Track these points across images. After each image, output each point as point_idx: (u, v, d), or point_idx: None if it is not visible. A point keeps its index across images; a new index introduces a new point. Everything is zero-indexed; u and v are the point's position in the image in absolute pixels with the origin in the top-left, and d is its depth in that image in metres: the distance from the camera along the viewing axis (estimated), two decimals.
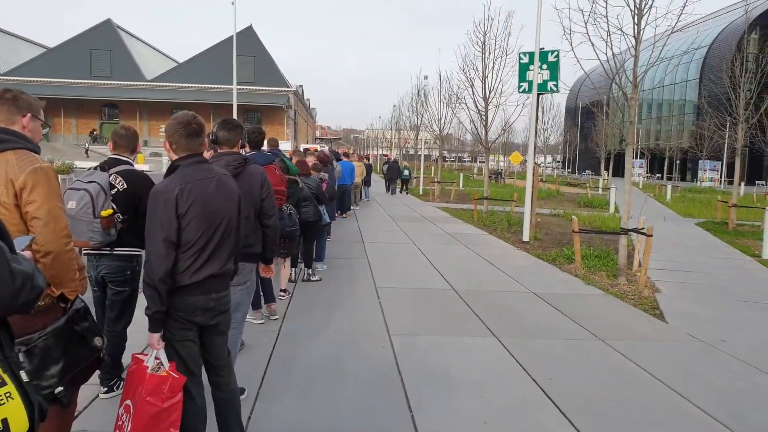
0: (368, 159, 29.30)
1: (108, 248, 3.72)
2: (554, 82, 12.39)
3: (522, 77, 12.87)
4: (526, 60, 12.75)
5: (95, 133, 54.32)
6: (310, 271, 7.81)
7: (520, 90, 13.06)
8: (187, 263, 2.72)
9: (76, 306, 2.55)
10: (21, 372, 1.52)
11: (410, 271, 8.67)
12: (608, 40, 7.63)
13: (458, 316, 6.33)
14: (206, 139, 5.57)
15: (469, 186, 33.99)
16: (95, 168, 3.78)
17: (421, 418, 3.81)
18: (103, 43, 55.39)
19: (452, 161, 79.83)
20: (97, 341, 2.59)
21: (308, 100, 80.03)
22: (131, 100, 54.10)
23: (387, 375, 4.53)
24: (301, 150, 13.29)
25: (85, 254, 3.74)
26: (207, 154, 5.18)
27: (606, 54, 7.71)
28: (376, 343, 5.26)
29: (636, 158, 43.94)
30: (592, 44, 7.67)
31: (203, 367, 3.02)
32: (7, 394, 1.44)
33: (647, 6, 7.38)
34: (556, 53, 12.17)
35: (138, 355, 2.79)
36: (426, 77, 29.50)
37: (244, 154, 4.49)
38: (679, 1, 8.19)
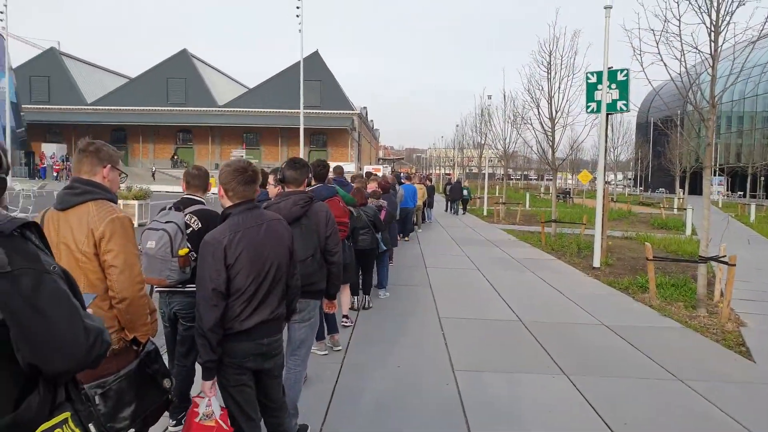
0: (430, 180, 29.24)
1: (180, 285, 3.85)
2: (624, 102, 11.95)
3: (590, 97, 12.50)
4: (593, 80, 12.39)
5: (176, 158, 57.00)
6: (368, 298, 7.83)
7: (588, 110, 12.68)
8: (237, 310, 2.75)
9: (148, 348, 2.65)
10: (90, 425, 1.55)
11: (475, 299, 8.51)
12: (682, 59, 7.27)
13: (526, 350, 6.13)
14: (274, 176, 5.74)
15: (535, 206, 33.21)
16: (170, 207, 3.94)
17: None
18: (179, 72, 58.66)
19: (517, 179, 78.36)
20: (167, 383, 2.67)
21: (371, 121, 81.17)
22: (204, 125, 56.74)
23: (451, 414, 4.43)
24: (364, 175, 13.45)
25: (157, 291, 3.89)
26: (274, 191, 5.35)
27: (680, 73, 7.35)
28: (440, 379, 5.16)
29: (714, 175, 41.58)
30: (665, 65, 7.34)
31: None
32: None
33: (725, 23, 6.99)
34: (625, 72, 11.75)
35: (196, 398, 2.84)
36: (489, 97, 29.25)
37: (309, 188, 4.58)
38: (760, 14, 7.74)
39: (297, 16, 32.87)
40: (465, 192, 27.76)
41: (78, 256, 2.50)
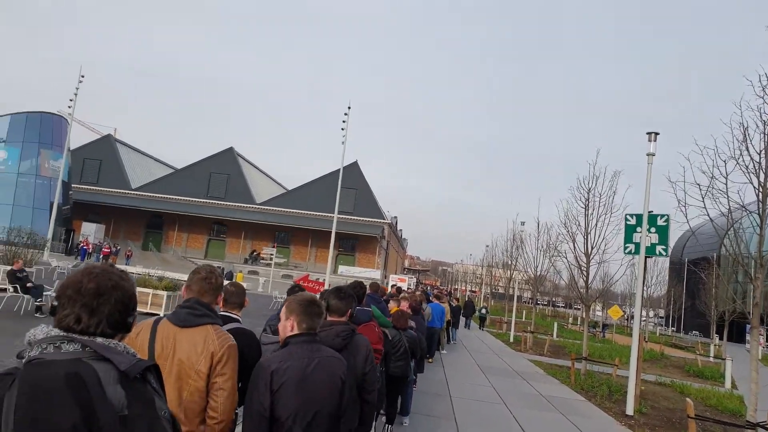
0: (458, 300, 28.98)
1: None
2: (663, 247, 11.91)
3: (628, 239, 12.51)
4: (633, 222, 12.46)
5: (255, 253, 56.47)
6: (392, 428, 7.47)
7: (626, 252, 12.64)
8: None
9: None
10: None
11: None
12: (729, 217, 7.31)
13: None
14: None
15: (564, 336, 32.20)
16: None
17: None
18: (222, 168, 61.48)
19: (545, 305, 76.86)
20: None
21: (401, 230, 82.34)
22: (239, 220, 58.32)
23: None
24: (395, 289, 13.37)
25: None
26: None
27: (728, 235, 7.35)
28: None
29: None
30: (711, 220, 7.37)
31: None
32: None
33: None
34: (666, 218, 11.82)
35: None
36: (523, 224, 29.58)
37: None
38: None
39: (342, 129, 34.70)
40: (483, 310, 31.04)
41: (190, 372, 2.68)
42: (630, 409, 10.93)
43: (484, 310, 31.47)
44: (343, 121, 33.88)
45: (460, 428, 8.32)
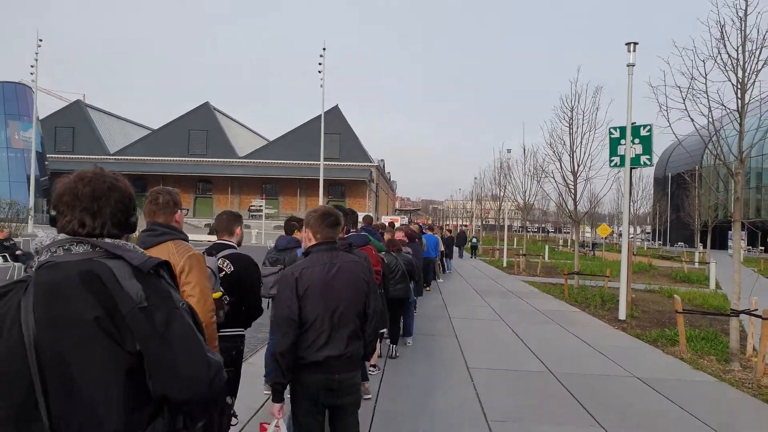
0: (450, 232, 29.44)
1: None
2: (648, 157, 12.09)
3: (613, 152, 12.66)
4: (617, 135, 12.58)
5: (252, 207, 55.76)
6: (395, 347, 7.79)
7: (612, 165, 12.81)
8: (308, 342, 2.91)
9: None
10: None
11: (502, 350, 8.42)
12: (709, 116, 7.42)
13: (558, 402, 6.02)
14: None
15: (555, 258, 32.97)
16: (203, 253, 4.04)
17: None
18: (200, 124, 60.30)
19: (535, 232, 78.07)
20: (229, 399, 2.76)
21: (389, 173, 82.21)
22: (224, 176, 57.81)
23: None
24: (386, 224, 13.55)
25: None
26: (299, 235, 5.47)
27: (705, 127, 7.48)
28: (475, 430, 5.09)
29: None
30: (692, 120, 7.49)
31: None
32: None
33: (750, 82, 7.17)
34: (648, 128, 11.94)
35: (264, 423, 2.98)
36: (509, 151, 29.78)
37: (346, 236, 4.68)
38: None
39: (319, 71, 34.02)
40: (474, 240, 33.52)
41: None
42: (622, 315, 11.41)
43: (475, 240, 33.65)
44: (320, 64, 33.19)
45: (462, 344, 8.67)
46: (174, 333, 1.50)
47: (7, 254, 13.88)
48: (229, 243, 4.11)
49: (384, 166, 73.22)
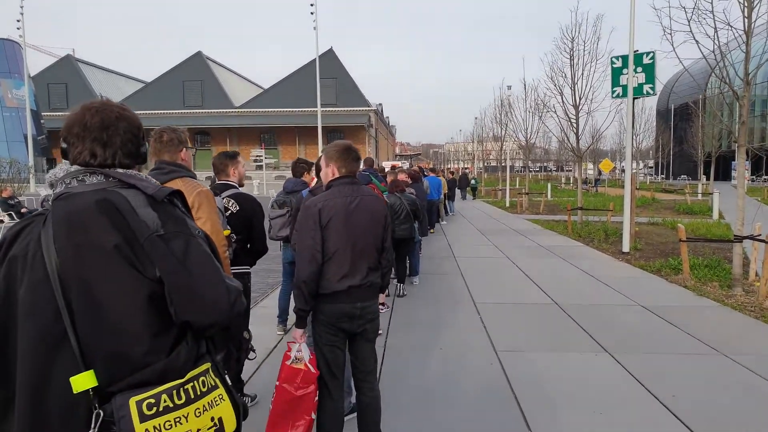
0: (453, 174, 29.39)
1: None
2: (650, 85, 11.86)
3: (615, 82, 12.41)
4: (618, 64, 12.30)
5: (254, 157, 55.24)
6: (402, 286, 7.91)
7: (614, 95, 12.59)
8: (330, 272, 2.98)
9: None
10: (226, 376, 1.66)
11: (507, 285, 8.54)
12: (715, 37, 7.21)
13: (564, 331, 6.16)
14: (302, 166, 5.86)
15: (558, 196, 32.98)
16: None
17: None
18: (195, 75, 59.08)
19: (537, 171, 77.82)
20: (246, 334, 2.84)
21: (387, 117, 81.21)
22: (221, 127, 57.18)
23: (500, 392, 4.49)
24: (386, 168, 13.47)
25: None
26: (308, 178, 5.45)
27: (714, 52, 7.27)
28: (483, 360, 5.22)
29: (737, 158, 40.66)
30: (697, 42, 7.28)
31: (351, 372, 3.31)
32: (220, 396, 1.59)
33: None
34: (651, 55, 11.66)
35: (290, 343, 3.10)
36: (509, 87, 29.37)
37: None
38: None
39: (311, 13, 33.05)
40: (473, 181, 33.40)
41: None
42: (626, 247, 11.50)
43: (474, 181, 34.39)
44: (311, 5, 32.18)
45: (468, 281, 8.79)
46: (192, 259, 1.52)
47: (12, 212, 13.93)
48: (231, 183, 4.13)
49: (382, 111, 72.24)
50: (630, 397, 4.37)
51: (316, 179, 6.38)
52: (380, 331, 5.99)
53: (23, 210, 13.92)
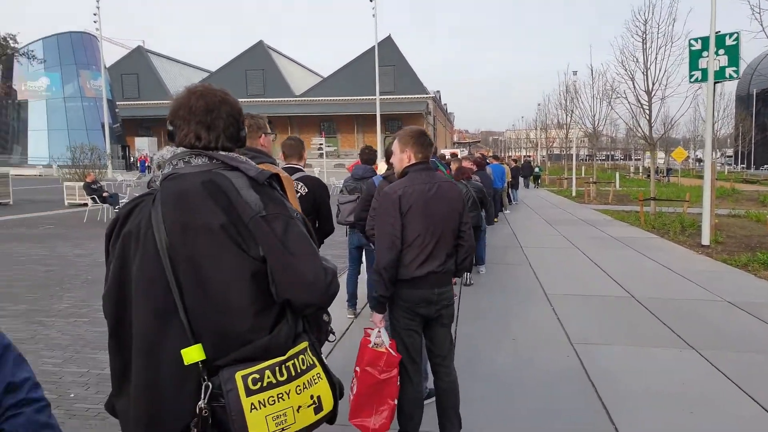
0: (516, 162, 28.75)
1: None
2: (734, 68, 11.08)
3: (693, 65, 11.68)
4: (697, 46, 11.56)
5: (316, 146, 56.48)
6: (470, 275, 7.78)
7: (692, 80, 11.86)
8: (409, 258, 2.97)
9: None
10: (321, 355, 1.68)
11: (580, 276, 8.25)
12: None
13: (644, 325, 5.87)
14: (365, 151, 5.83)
15: (626, 186, 31.70)
16: None
17: None
18: (256, 64, 60.29)
19: (602, 160, 75.16)
20: (326, 316, 2.85)
21: (445, 104, 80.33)
22: (282, 115, 58.20)
23: (578, 384, 4.32)
24: (446, 155, 13.29)
25: None
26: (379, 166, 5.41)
27: None
28: (559, 352, 5.05)
29: None
30: None
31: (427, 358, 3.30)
32: (317, 375, 1.62)
33: None
34: (735, 36, 10.89)
35: (368, 329, 3.11)
36: (575, 73, 28.24)
37: None
38: None
39: (371, 0, 32.96)
40: (536, 169, 33.08)
41: None
42: (706, 239, 10.87)
43: (538, 169, 34.37)
44: None
45: (536, 271, 8.56)
46: (292, 239, 1.54)
47: (95, 196, 14.71)
48: (299, 167, 4.22)
49: (440, 98, 71.49)
50: (723, 396, 4.10)
51: (377, 167, 6.39)
52: None
53: (105, 194, 14.67)
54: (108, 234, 1.64)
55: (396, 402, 3.04)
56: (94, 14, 41.39)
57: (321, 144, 41.01)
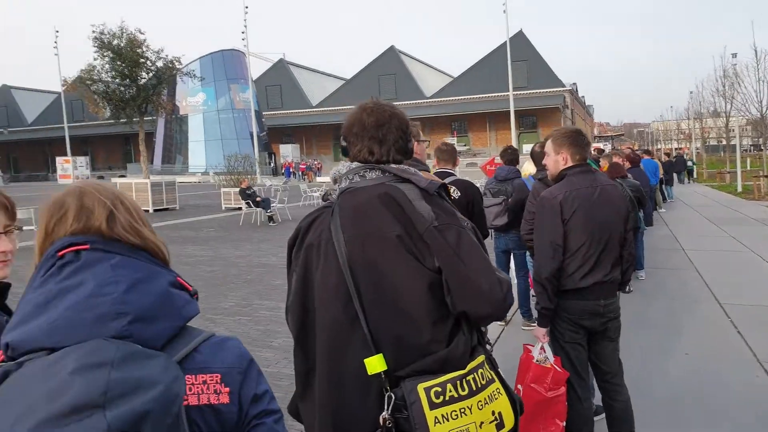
0: (668, 156, 26.51)
1: None
2: None
3: None
4: None
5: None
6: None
7: None
8: (573, 268, 2.79)
9: None
10: (499, 370, 1.64)
11: (760, 284, 7.28)
12: None
13: None
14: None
15: None
16: None
17: None
18: (389, 68, 61.75)
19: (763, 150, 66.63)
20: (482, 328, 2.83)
21: (583, 97, 76.20)
22: (415, 117, 58.65)
23: None
24: (596, 150, 12.48)
25: None
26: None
27: None
28: (745, 371, 4.48)
29: None
30: None
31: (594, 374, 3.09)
32: (497, 390, 1.58)
33: None
34: None
35: (528, 345, 2.97)
36: (734, 55, 25.10)
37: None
38: None
39: None
40: (689, 163, 30.71)
41: None
42: None
43: (691, 163, 31.89)
44: None
45: (704, 277, 7.71)
46: (465, 250, 1.54)
47: (249, 201, 15.96)
48: (452, 171, 4.27)
49: (577, 90, 67.90)
50: None
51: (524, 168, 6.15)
52: None
53: (258, 199, 15.85)
54: (290, 245, 1.73)
55: (564, 424, 2.85)
56: (242, 32, 45.09)
57: (454, 144, 40.86)
